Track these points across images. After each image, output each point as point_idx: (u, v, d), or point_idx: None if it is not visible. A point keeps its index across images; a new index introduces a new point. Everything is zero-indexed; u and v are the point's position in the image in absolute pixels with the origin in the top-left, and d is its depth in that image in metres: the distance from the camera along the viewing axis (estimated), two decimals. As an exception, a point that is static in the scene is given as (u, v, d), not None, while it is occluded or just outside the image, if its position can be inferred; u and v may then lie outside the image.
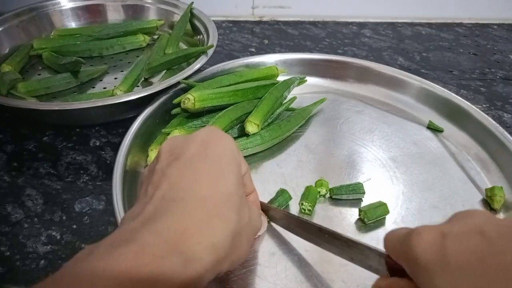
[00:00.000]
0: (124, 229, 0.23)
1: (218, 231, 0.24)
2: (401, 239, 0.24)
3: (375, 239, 0.38)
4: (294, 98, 0.53)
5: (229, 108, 0.48)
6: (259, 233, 0.36)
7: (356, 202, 0.41)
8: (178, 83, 0.50)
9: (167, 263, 0.21)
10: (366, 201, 0.41)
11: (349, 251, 0.30)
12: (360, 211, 0.39)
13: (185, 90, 0.50)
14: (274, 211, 0.37)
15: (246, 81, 0.52)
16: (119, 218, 0.35)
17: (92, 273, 0.20)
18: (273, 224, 0.38)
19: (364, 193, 0.42)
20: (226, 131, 0.46)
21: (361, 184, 0.42)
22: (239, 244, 0.26)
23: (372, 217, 0.39)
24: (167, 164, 0.27)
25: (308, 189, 0.41)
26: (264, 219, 0.37)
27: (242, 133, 0.47)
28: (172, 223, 0.23)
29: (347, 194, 0.41)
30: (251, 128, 0.45)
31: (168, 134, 0.45)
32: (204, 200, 0.24)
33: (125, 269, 0.20)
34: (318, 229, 0.33)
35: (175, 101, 0.48)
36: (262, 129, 0.47)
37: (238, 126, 0.48)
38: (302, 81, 0.56)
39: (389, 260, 0.27)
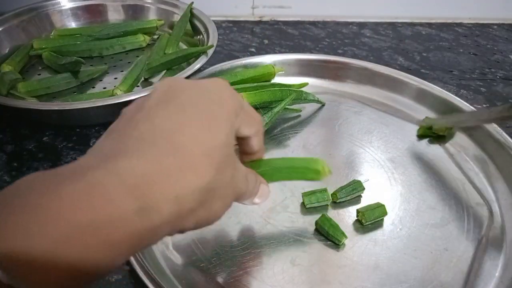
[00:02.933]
0: (79, 162, 0.20)
1: (185, 183, 0.21)
2: None
3: (372, 241, 0.38)
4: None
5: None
6: (258, 201, 0.31)
7: (354, 203, 0.42)
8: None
9: (118, 209, 0.19)
10: (364, 202, 0.41)
11: None
12: (358, 212, 0.40)
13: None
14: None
15: (242, 80, 0.52)
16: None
17: (28, 208, 0.17)
18: (269, 222, 0.38)
19: (364, 189, 0.42)
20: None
21: (359, 181, 0.42)
22: (210, 202, 0.23)
23: (370, 218, 0.39)
24: (156, 103, 0.24)
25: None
26: (266, 186, 0.32)
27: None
28: (136, 165, 0.20)
29: (351, 195, 0.41)
30: None
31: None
32: (181, 148, 0.22)
33: (65, 210, 0.17)
34: None
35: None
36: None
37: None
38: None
39: None
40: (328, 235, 0.38)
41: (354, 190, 0.41)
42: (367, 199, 0.42)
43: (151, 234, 0.20)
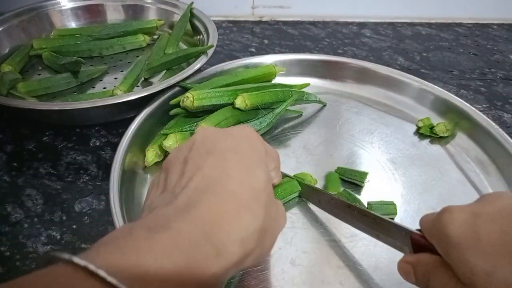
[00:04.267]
0: (158, 215, 0.23)
1: (246, 226, 0.24)
2: (434, 219, 0.27)
3: (373, 242, 0.38)
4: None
5: (226, 107, 0.48)
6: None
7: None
8: (178, 83, 0.50)
9: (202, 252, 0.22)
10: (364, 202, 0.41)
11: (376, 228, 0.32)
12: (368, 204, 0.40)
13: (185, 90, 0.50)
14: (306, 187, 0.40)
15: (243, 80, 0.52)
16: (116, 218, 0.35)
17: (136, 251, 0.20)
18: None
19: (363, 182, 0.43)
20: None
21: (366, 173, 0.44)
22: (264, 240, 0.26)
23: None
24: (199, 155, 0.27)
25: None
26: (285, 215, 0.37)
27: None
28: (206, 214, 0.23)
29: (350, 178, 0.44)
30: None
31: (166, 135, 0.45)
32: (234, 194, 0.25)
33: (165, 251, 0.20)
34: (348, 206, 0.34)
35: (172, 102, 0.48)
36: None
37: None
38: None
39: (416, 237, 0.28)
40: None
41: (355, 175, 0.44)
42: (367, 200, 0.41)
43: (225, 275, 0.23)
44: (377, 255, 0.37)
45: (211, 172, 0.26)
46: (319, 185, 0.43)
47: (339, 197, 0.36)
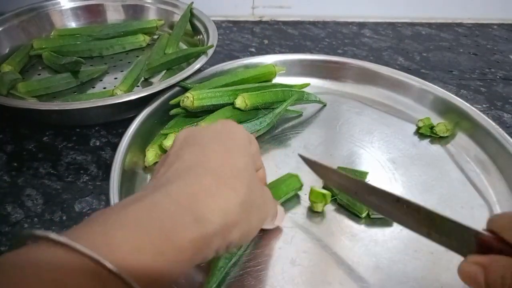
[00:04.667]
0: (136, 195, 0.24)
1: (226, 198, 0.25)
2: None
3: (373, 241, 0.38)
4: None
5: (226, 107, 0.48)
6: (276, 223, 0.36)
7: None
8: (178, 83, 0.50)
9: (178, 219, 0.22)
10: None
11: (429, 225, 0.29)
12: None
13: (185, 90, 0.50)
14: (340, 176, 0.34)
15: (243, 80, 0.52)
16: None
17: (104, 222, 0.21)
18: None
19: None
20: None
21: (366, 173, 0.43)
22: (250, 216, 0.27)
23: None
24: (179, 147, 0.29)
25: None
26: (282, 210, 0.37)
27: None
28: (184, 187, 0.24)
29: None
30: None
31: (166, 135, 0.45)
32: (214, 172, 0.26)
33: (137, 221, 0.21)
34: (396, 200, 0.30)
35: (172, 102, 0.48)
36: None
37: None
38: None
39: (486, 239, 0.25)
40: (349, 207, 0.40)
41: (356, 174, 0.43)
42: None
43: (207, 242, 0.23)
44: (377, 255, 0.37)
45: (190, 157, 0.27)
46: (319, 185, 0.43)
47: (385, 190, 0.31)
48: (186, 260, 0.22)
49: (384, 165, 0.46)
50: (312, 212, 0.41)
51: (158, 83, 0.50)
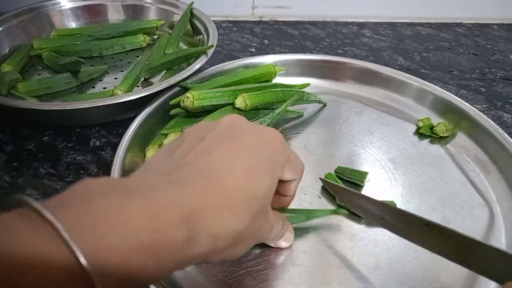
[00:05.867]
0: (146, 180, 0.23)
1: (225, 226, 0.24)
2: None
3: (373, 241, 0.38)
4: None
5: (226, 107, 0.48)
6: (284, 244, 0.36)
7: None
8: (178, 83, 0.50)
9: (172, 236, 0.21)
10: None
11: (467, 253, 0.26)
12: None
13: (185, 90, 0.50)
14: (365, 200, 0.33)
15: (243, 80, 0.52)
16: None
17: (106, 218, 0.20)
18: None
19: (363, 181, 0.43)
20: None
21: (366, 173, 0.43)
22: (238, 245, 0.26)
23: None
24: (216, 137, 0.27)
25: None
26: (291, 234, 0.36)
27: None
28: (191, 198, 0.23)
29: (350, 178, 0.44)
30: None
31: (166, 135, 0.45)
32: (226, 192, 0.24)
33: (137, 228, 0.20)
34: (425, 224, 0.28)
35: (172, 102, 0.48)
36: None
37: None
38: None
39: None
40: (349, 207, 0.40)
41: (355, 175, 0.43)
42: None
43: (186, 262, 0.23)
44: (377, 255, 0.37)
45: (217, 160, 0.25)
46: (318, 186, 0.43)
47: (411, 213, 0.29)
48: (161, 272, 0.21)
49: (384, 165, 0.46)
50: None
51: (158, 83, 0.50)
